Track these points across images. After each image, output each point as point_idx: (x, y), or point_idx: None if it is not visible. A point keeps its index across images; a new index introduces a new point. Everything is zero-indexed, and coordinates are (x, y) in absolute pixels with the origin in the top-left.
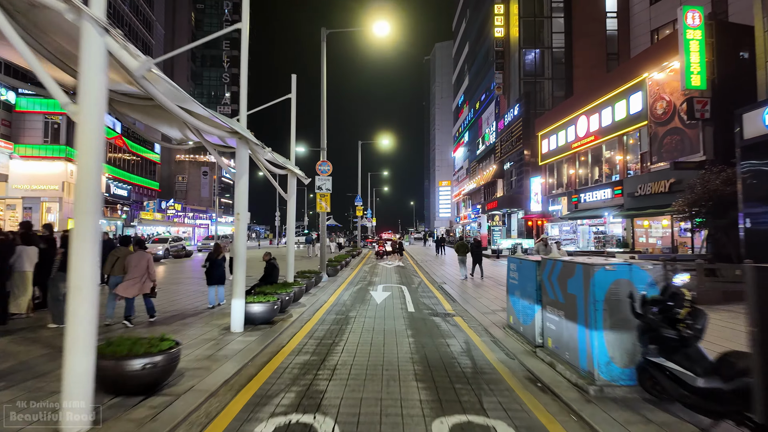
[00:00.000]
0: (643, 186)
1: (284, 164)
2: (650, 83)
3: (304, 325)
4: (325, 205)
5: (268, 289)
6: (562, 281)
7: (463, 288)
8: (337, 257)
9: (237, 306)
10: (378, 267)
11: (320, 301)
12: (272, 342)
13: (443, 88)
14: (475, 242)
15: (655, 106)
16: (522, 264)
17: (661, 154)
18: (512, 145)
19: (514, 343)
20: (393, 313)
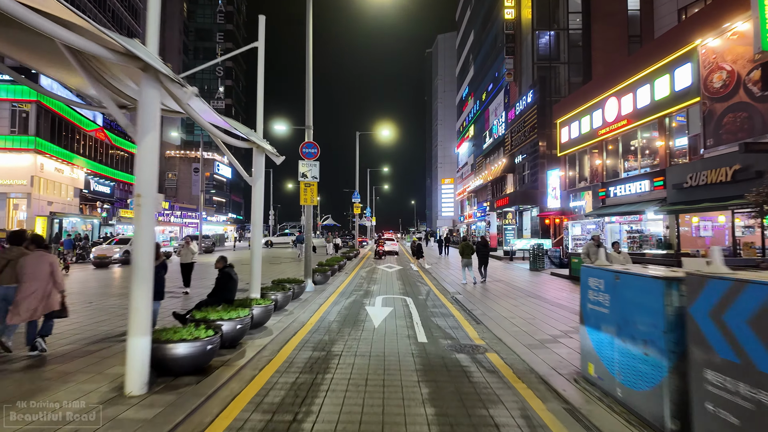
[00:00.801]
0: (695, 175)
1: (247, 135)
2: (704, 52)
3: (258, 374)
4: (312, 197)
5: (213, 314)
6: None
7: (481, 299)
8: (330, 260)
9: (137, 349)
10: (377, 271)
11: (296, 323)
12: (187, 419)
13: (446, 82)
14: (481, 241)
15: (710, 79)
16: (623, 282)
17: (719, 136)
18: (525, 136)
19: (611, 420)
20: (397, 347)
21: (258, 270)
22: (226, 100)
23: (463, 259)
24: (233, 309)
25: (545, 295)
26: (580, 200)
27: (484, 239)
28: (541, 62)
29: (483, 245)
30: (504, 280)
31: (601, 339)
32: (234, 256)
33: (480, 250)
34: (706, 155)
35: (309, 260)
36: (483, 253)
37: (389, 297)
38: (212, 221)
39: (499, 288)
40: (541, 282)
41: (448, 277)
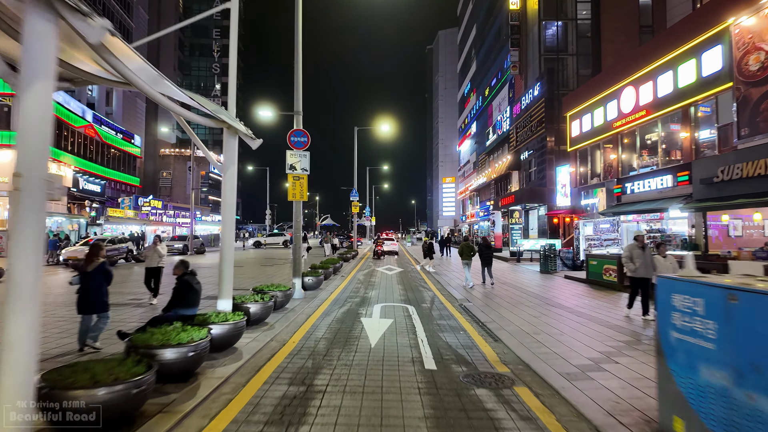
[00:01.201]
0: (728, 169)
1: (215, 113)
2: (737, 31)
3: (208, 426)
4: (301, 192)
5: (158, 336)
6: None
7: (494, 307)
8: (325, 262)
9: (9, 396)
10: (376, 274)
11: (275, 342)
12: None
13: (447, 79)
14: (483, 242)
15: (745, 61)
16: (747, 305)
17: (756, 125)
18: (531, 131)
19: None
20: (398, 378)
21: (228, 276)
22: (222, 97)
23: (463, 260)
24: (186, 330)
25: (565, 302)
26: (593, 198)
27: (486, 240)
28: (548, 54)
29: (486, 246)
30: (514, 284)
31: (702, 386)
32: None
33: (483, 251)
34: (741, 146)
35: (298, 263)
36: (486, 254)
37: (389, 305)
38: (207, 221)
39: (511, 294)
40: (556, 287)
41: (453, 280)
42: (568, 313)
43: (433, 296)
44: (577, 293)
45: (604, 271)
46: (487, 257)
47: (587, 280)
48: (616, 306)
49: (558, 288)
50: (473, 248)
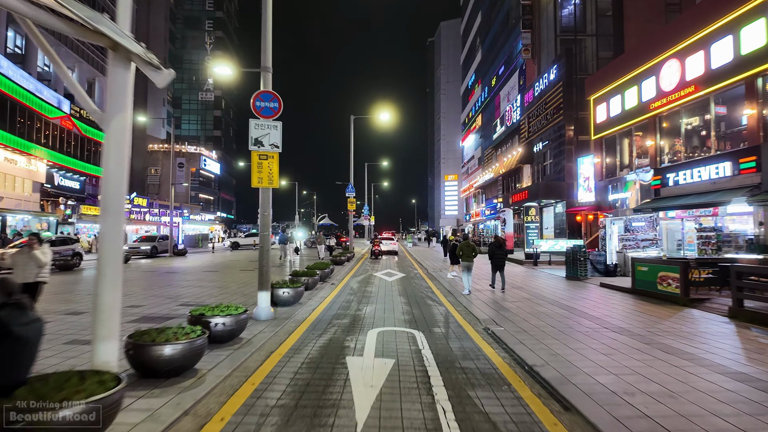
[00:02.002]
0: None
1: (91, 21)
2: None
3: None
4: (270, 175)
5: None
6: None
7: (534, 334)
8: (312, 267)
9: None
10: (373, 281)
11: (188, 423)
12: None
13: (449, 72)
14: (495, 241)
15: None
16: None
17: None
18: (546, 120)
19: None
20: None
21: (110, 304)
22: (215, 91)
23: (463, 261)
24: None
25: (630, 326)
26: (622, 192)
27: (499, 239)
28: (565, 35)
29: (497, 246)
30: (543, 294)
31: None
32: (206, 261)
33: (494, 252)
34: None
35: (265, 271)
36: (498, 256)
37: (389, 330)
38: (196, 220)
39: (546, 311)
40: (597, 299)
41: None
42: (652, 348)
43: (446, 314)
44: (632, 310)
45: (659, 280)
46: (499, 259)
47: (633, 291)
48: (717, 335)
49: (601, 301)
50: (474, 248)
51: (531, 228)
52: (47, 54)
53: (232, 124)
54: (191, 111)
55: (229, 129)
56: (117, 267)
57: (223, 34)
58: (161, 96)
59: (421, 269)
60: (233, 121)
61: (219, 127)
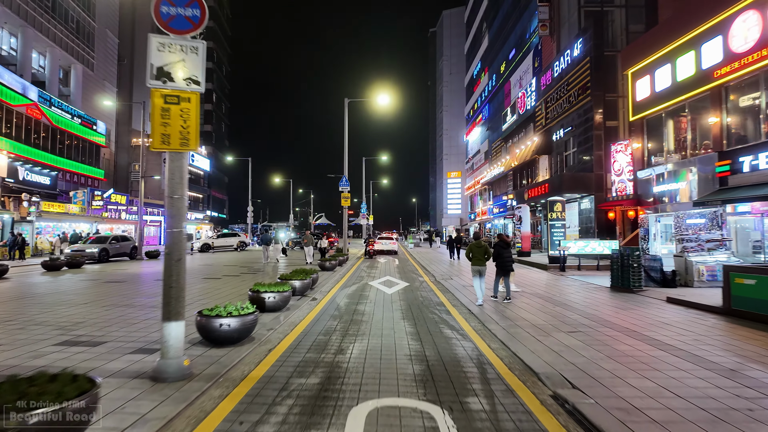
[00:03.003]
0: None
1: None
2: None
3: None
4: (184, 130)
5: None
6: None
7: (661, 419)
8: (289, 275)
9: None
10: (368, 295)
11: None
12: None
13: (452, 63)
14: (501, 241)
15: None
16: None
17: None
18: (568, 103)
19: None
20: None
21: None
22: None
23: (473, 265)
24: None
25: None
26: (673, 182)
27: (504, 238)
28: (590, 6)
29: (504, 246)
30: (604, 317)
31: None
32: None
33: (500, 253)
34: None
35: (175, 291)
36: (504, 257)
37: (386, 406)
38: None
39: (636, 351)
40: (692, 328)
41: (501, 309)
42: None
43: (479, 357)
44: (754, 349)
45: None
46: (504, 260)
47: (729, 312)
48: None
49: (702, 332)
50: (487, 249)
51: (556, 227)
52: None
53: (224, 119)
54: None
55: (221, 124)
56: None
57: (214, 24)
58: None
59: (426, 275)
60: (225, 116)
61: (210, 121)
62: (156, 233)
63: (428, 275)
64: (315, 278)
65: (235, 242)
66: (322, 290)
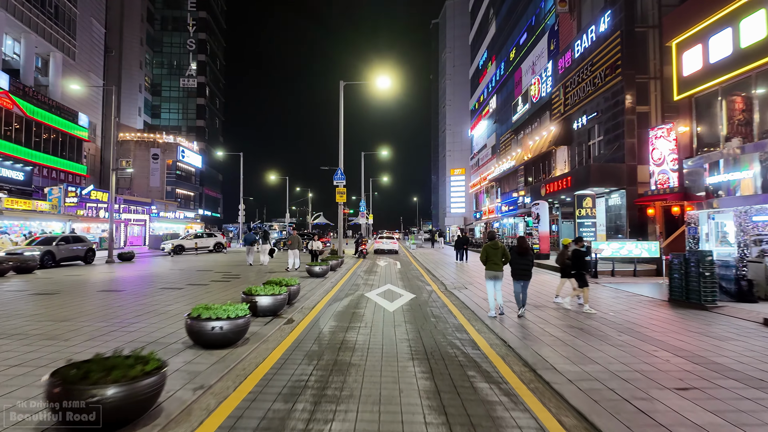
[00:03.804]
0: None
1: None
2: None
3: None
4: None
5: None
6: None
7: None
8: (254, 291)
9: None
10: (363, 314)
11: None
12: None
13: (456, 55)
14: (520, 245)
15: None
16: None
17: None
18: (593, 86)
19: None
20: None
21: None
22: (198, 77)
23: (489, 270)
24: None
25: None
26: (734, 171)
27: (525, 241)
28: None
29: (520, 252)
30: (703, 354)
31: None
32: (138, 270)
33: (517, 260)
34: None
35: None
36: (523, 264)
37: None
38: (168, 218)
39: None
40: None
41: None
42: None
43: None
44: None
45: None
46: (524, 267)
47: None
48: None
49: None
50: (505, 251)
51: (586, 225)
52: None
53: (219, 115)
54: (172, 99)
55: (215, 119)
56: None
57: (207, 15)
58: (137, 81)
59: (434, 282)
60: (219, 111)
61: (203, 116)
62: (140, 233)
63: (436, 282)
64: (294, 290)
65: (211, 243)
66: (305, 306)
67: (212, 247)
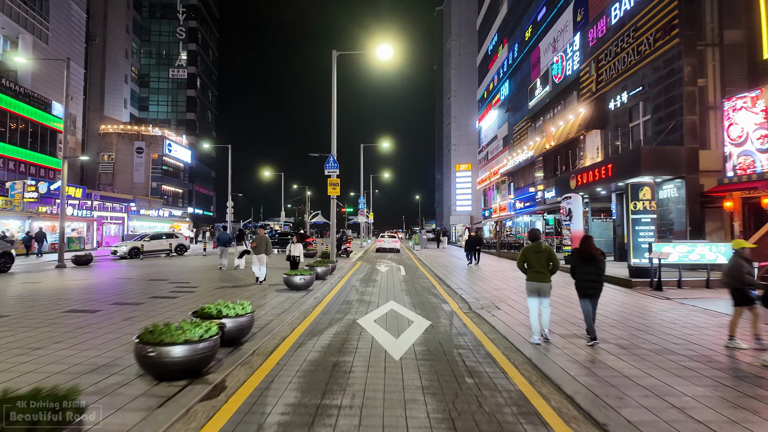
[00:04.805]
0: None
1: None
2: None
3: None
4: None
5: None
6: None
7: None
8: (163, 331)
9: None
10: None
11: None
12: None
13: (461, 44)
14: (583, 247)
15: None
16: None
17: None
18: (637, 55)
19: None
20: None
21: None
22: (189, 68)
23: (530, 281)
24: None
25: None
26: None
27: (590, 242)
28: None
29: (587, 255)
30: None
31: None
32: (74, 279)
33: (581, 271)
34: None
35: None
36: (589, 274)
37: None
38: (151, 216)
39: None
40: None
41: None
42: None
43: None
44: None
45: None
46: (592, 279)
47: None
48: None
49: None
50: (552, 255)
51: (643, 222)
52: None
53: (211, 108)
54: (161, 90)
55: (207, 112)
56: None
57: (198, 2)
58: (123, 71)
59: (451, 297)
60: (212, 104)
61: (193, 109)
62: (118, 232)
63: (453, 296)
64: (243, 323)
65: (174, 245)
66: (261, 348)
67: (173, 250)
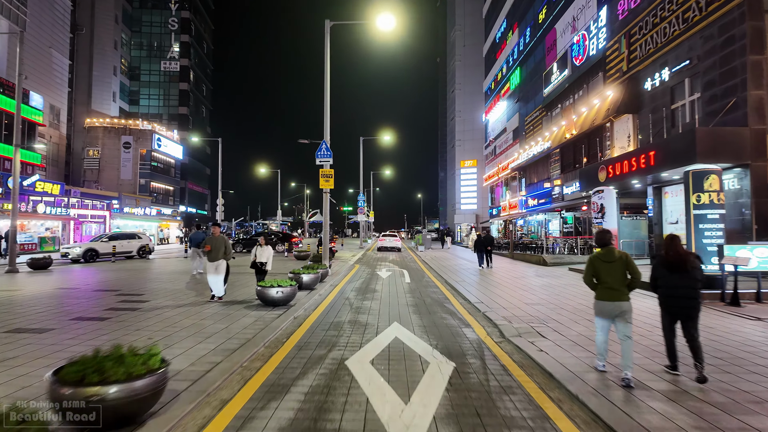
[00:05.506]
0: None
1: None
2: None
3: None
4: None
5: None
6: None
7: None
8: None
9: None
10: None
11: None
12: None
13: (466, 34)
14: (670, 248)
15: None
16: None
17: None
18: (682, 23)
19: None
20: None
21: None
22: (181, 60)
23: (600, 300)
24: None
25: None
26: None
27: (676, 243)
28: None
29: (677, 261)
30: None
31: None
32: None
33: (668, 283)
34: None
35: None
36: (679, 287)
37: None
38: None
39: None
40: None
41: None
42: None
43: None
44: None
45: None
46: (683, 295)
47: None
48: None
49: None
50: (630, 262)
51: (709, 218)
52: None
53: (205, 102)
54: (152, 84)
55: (200, 107)
56: None
57: None
58: (112, 62)
59: (475, 318)
60: (207, 98)
61: (186, 103)
62: (98, 230)
63: (474, 313)
64: (141, 391)
65: (135, 246)
66: (197, 422)
67: (135, 252)
